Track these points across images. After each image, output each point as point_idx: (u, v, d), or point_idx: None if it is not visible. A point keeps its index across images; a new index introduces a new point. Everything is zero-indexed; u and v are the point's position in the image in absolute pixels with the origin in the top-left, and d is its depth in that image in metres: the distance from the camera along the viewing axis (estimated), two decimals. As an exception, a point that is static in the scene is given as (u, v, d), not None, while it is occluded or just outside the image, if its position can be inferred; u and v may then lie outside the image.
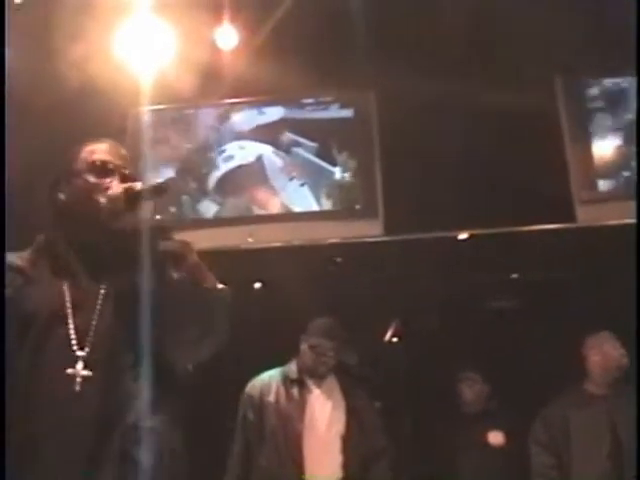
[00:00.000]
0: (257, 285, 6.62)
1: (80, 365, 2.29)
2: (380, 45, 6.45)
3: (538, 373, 5.68)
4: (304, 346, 5.21)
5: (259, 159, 6.93)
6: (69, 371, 2.27)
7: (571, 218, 5.68)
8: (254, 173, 6.88)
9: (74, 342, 2.32)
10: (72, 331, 2.33)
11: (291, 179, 6.89)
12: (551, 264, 5.92)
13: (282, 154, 6.98)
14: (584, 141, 5.97)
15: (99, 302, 2.40)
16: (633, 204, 5.40)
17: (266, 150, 6.97)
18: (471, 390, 5.84)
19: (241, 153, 6.96)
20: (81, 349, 2.32)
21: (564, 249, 5.82)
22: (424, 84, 6.14)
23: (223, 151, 6.97)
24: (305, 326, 5.30)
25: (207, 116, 7.22)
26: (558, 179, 5.66)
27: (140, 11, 5.49)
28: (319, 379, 5.17)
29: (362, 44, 6.48)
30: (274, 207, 6.69)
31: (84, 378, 2.27)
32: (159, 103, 6.45)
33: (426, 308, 5.97)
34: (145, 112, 6.43)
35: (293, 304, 5.66)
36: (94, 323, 2.36)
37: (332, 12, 6.46)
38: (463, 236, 5.92)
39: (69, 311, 2.36)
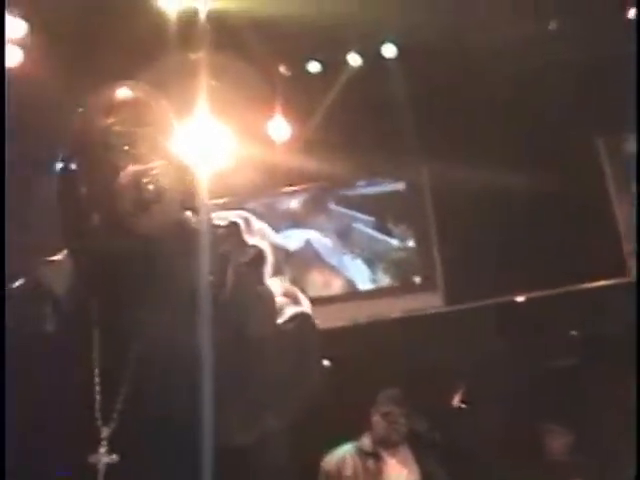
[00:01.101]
0: (325, 363, 6.70)
1: (104, 449, 1.68)
2: (429, 122, 6.65)
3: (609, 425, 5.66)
4: (376, 417, 5.28)
5: (308, 243, 7.11)
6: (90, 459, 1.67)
7: (623, 273, 5.73)
8: (307, 256, 7.05)
9: (98, 415, 1.70)
10: (98, 396, 1.71)
11: (348, 255, 7.05)
12: (607, 319, 5.93)
13: (332, 234, 7.15)
14: (630, 196, 6.04)
15: (132, 356, 1.72)
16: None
17: (312, 234, 7.16)
18: (556, 442, 5.83)
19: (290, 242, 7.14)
20: (105, 424, 1.70)
21: (618, 303, 5.85)
22: (473, 156, 6.32)
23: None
24: (374, 399, 5.38)
25: (260, 205, 7.45)
26: (608, 236, 5.74)
27: (196, 110, 5.75)
28: (393, 449, 5.23)
29: (411, 123, 6.69)
30: (335, 286, 6.85)
31: (109, 466, 1.67)
32: (216, 197, 6.67)
33: (492, 371, 6.00)
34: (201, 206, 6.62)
35: (361, 379, 5.75)
36: (123, 390, 1.71)
37: (378, 101, 6.72)
38: (520, 299, 6.00)
39: (96, 370, 1.74)
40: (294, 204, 7.42)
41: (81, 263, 1.81)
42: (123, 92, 1.83)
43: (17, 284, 1.88)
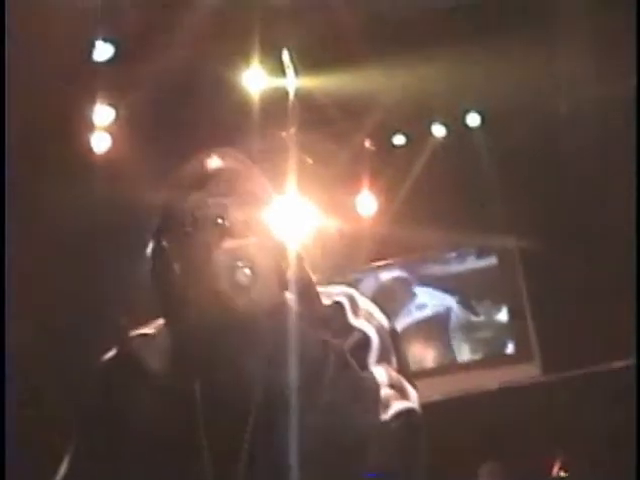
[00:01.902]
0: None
1: None
2: (515, 191, 6.59)
3: None
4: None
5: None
6: None
7: None
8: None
9: None
10: None
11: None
12: None
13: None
14: None
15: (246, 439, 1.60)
16: None
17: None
18: None
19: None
20: None
21: None
22: (562, 224, 6.24)
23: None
24: (475, 474, 5.28)
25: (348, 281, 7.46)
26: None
27: (285, 187, 5.81)
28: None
29: (497, 192, 6.64)
30: (431, 359, 6.81)
31: None
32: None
33: (593, 438, 5.82)
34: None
35: (460, 453, 5.63)
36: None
37: (464, 171, 6.70)
38: (620, 364, 5.84)
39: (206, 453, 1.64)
40: (382, 279, 7.41)
41: (179, 336, 1.68)
42: (214, 161, 1.73)
43: (108, 355, 1.78)
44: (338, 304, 1.72)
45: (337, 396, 1.53)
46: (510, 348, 6.88)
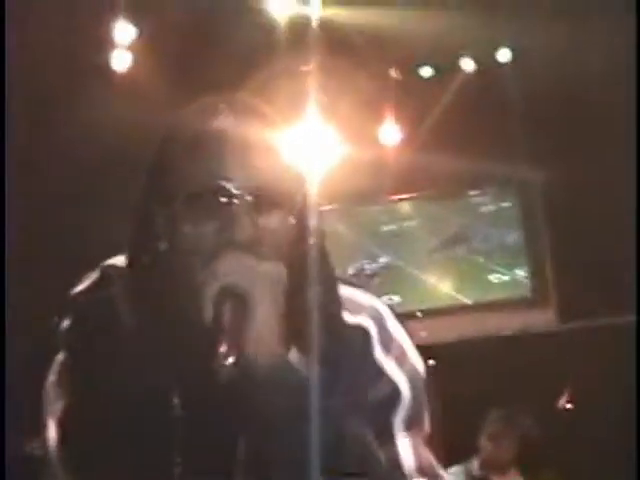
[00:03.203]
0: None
1: None
2: (543, 129, 6.44)
3: None
4: (484, 440, 5.10)
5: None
6: None
7: None
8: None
9: None
10: None
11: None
12: None
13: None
14: None
15: None
16: None
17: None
18: None
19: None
20: None
21: None
22: (590, 164, 6.09)
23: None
24: (482, 421, 5.20)
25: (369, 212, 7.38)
26: None
27: (308, 113, 5.68)
28: (502, 473, 5.04)
29: (525, 130, 6.50)
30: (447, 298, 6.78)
31: None
32: (325, 203, 6.59)
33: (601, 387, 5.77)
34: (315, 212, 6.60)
35: (468, 398, 5.57)
36: None
37: (491, 107, 6.53)
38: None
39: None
40: (402, 212, 7.32)
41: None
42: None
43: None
44: (363, 330, 1.37)
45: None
46: (528, 292, 6.79)
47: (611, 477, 5.44)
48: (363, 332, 1.37)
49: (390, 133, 6.57)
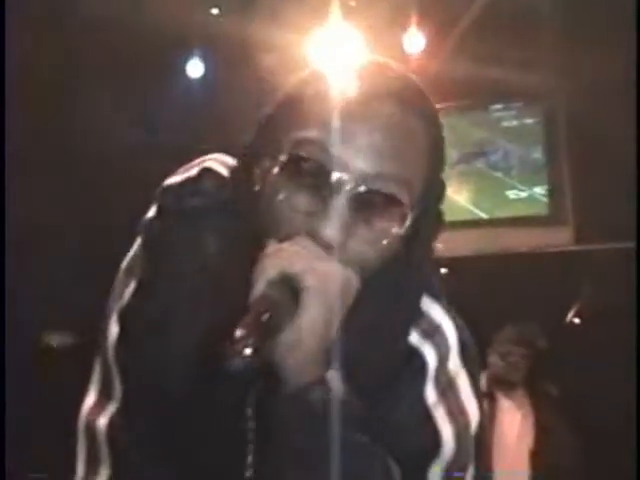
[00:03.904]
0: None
1: None
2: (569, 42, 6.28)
3: None
4: (493, 356, 5.10)
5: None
6: None
7: None
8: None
9: None
10: None
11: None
12: None
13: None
14: None
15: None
16: None
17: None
18: None
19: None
20: None
21: None
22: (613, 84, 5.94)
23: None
24: (492, 337, 5.20)
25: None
26: None
27: (330, 18, 5.55)
28: (509, 391, 5.06)
29: (550, 43, 6.34)
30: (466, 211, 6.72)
31: None
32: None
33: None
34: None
35: (481, 313, 5.56)
36: None
37: (521, 20, 6.35)
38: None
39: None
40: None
41: None
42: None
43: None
44: (421, 360, 1.23)
45: None
46: (545, 210, 6.72)
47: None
48: (421, 363, 1.23)
49: (415, 42, 6.41)
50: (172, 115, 6.26)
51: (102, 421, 1.28)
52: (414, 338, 1.24)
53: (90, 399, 1.33)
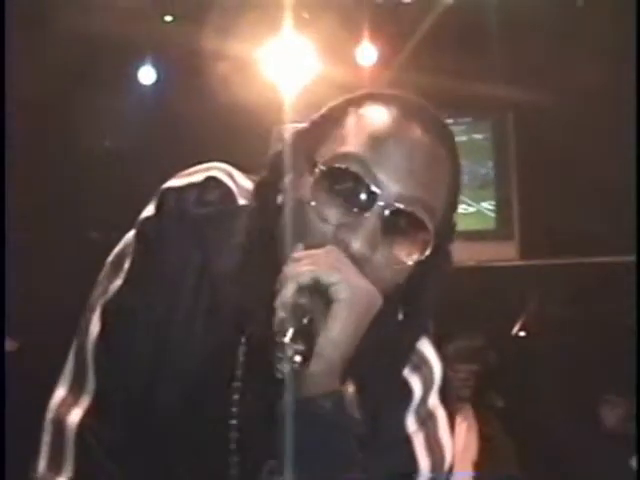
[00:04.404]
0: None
1: None
2: (517, 64, 6.37)
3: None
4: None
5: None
6: None
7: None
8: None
9: None
10: None
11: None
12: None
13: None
14: None
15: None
16: None
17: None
18: (612, 413, 5.59)
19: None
20: None
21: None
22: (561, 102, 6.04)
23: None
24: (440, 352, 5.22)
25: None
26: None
27: (283, 29, 5.57)
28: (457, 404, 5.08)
29: (503, 60, 6.42)
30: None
31: None
32: (301, 120, 6.50)
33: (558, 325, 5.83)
34: (287, 129, 6.51)
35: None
36: None
37: (469, 34, 6.42)
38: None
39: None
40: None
41: None
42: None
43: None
44: (407, 388, 1.29)
45: None
46: (492, 225, 6.80)
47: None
48: (408, 392, 1.29)
49: (367, 54, 6.46)
50: (123, 121, 6.23)
51: (73, 418, 1.28)
52: (408, 372, 1.31)
53: (60, 392, 1.33)
